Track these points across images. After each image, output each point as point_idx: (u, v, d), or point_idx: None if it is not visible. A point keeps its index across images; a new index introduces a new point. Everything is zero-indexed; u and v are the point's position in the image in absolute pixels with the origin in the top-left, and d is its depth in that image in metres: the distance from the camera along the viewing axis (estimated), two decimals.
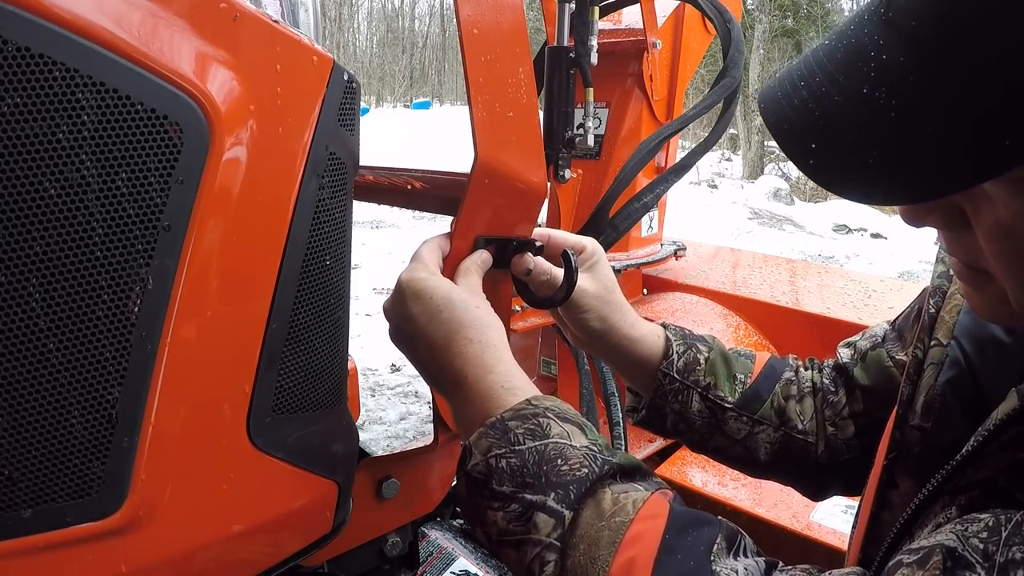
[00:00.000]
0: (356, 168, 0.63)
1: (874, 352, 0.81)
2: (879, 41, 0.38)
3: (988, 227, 0.41)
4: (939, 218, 0.44)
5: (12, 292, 0.43)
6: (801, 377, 0.85)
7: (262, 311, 0.55)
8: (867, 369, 0.80)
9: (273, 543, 0.63)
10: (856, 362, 0.82)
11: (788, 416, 0.82)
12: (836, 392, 0.82)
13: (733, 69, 1.38)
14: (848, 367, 0.82)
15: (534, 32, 1.71)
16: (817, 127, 0.40)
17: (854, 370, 0.81)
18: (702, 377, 0.82)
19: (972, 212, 0.42)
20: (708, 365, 0.83)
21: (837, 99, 0.39)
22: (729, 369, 0.83)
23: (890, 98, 0.37)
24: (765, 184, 12.39)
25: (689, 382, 0.82)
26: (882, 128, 0.37)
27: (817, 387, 0.85)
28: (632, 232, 1.93)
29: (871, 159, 0.38)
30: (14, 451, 0.45)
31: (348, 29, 34.00)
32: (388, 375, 4.22)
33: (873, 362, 0.80)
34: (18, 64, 0.40)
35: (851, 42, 0.40)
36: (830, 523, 1.42)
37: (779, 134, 0.42)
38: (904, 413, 0.61)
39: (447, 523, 1.38)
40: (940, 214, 0.44)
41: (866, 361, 0.81)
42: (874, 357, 0.80)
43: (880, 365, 0.79)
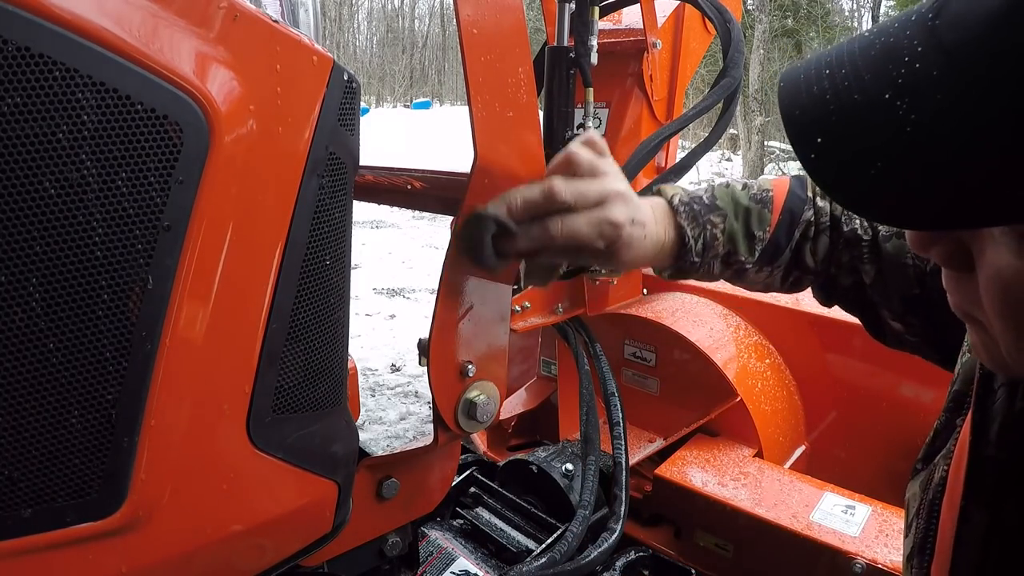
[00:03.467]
0: (356, 168, 0.63)
1: (898, 240, 0.78)
2: (917, 47, 0.35)
3: (988, 275, 0.38)
4: (943, 251, 0.42)
5: (12, 292, 0.43)
6: (820, 211, 0.85)
7: (262, 311, 0.55)
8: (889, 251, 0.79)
9: (273, 543, 0.63)
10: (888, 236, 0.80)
11: (802, 258, 0.85)
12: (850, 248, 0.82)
13: (733, 69, 1.38)
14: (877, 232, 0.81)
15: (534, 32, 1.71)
16: (828, 122, 0.37)
17: (884, 245, 0.80)
18: (721, 247, 0.83)
19: (978, 254, 0.39)
20: (726, 236, 0.83)
21: (856, 97, 0.37)
22: (747, 227, 0.83)
23: (910, 111, 0.34)
24: None
25: (709, 257, 0.83)
26: (893, 140, 0.35)
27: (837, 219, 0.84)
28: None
29: (873, 170, 0.36)
30: (14, 451, 0.45)
31: (348, 29, 34.00)
32: (388, 375, 4.22)
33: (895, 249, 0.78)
34: (18, 64, 0.40)
35: (889, 41, 0.37)
36: (830, 523, 1.42)
37: (789, 120, 0.40)
38: (977, 443, 0.53)
39: (447, 523, 1.38)
40: (944, 248, 0.41)
41: (889, 243, 0.79)
42: (896, 245, 0.78)
43: (900, 257, 0.78)
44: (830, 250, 0.84)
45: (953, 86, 0.33)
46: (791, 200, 0.84)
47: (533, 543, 1.30)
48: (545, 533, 1.31)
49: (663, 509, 1.64)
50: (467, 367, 0.80)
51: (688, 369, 1.75)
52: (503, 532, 1.35)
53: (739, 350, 1.79)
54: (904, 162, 0.35)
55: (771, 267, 0.85)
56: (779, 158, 16.60)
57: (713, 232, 0.82)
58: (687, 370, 1.75)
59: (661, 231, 0.80)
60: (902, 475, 0.70)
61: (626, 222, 0.72)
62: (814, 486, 1.54)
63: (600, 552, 1.22)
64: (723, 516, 1.50)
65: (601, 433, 1.35)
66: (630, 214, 0.73)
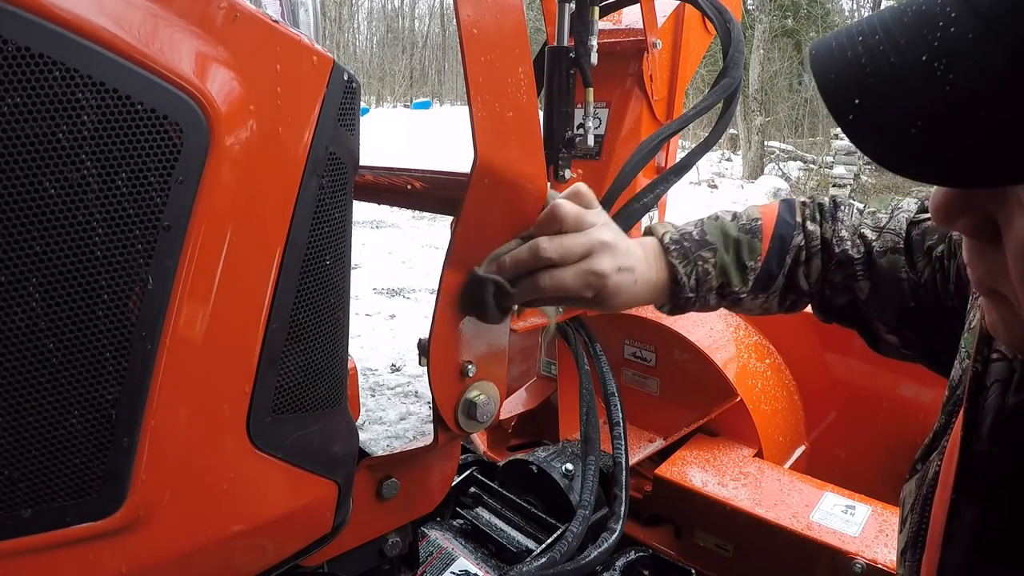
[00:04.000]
0: (356, 168, 0.63)
1: (892, 256, 0.80)
2: (951, 13, 0.36)
3: (1016, 243, 0.39)
4: (970, 223, 0.42)
5: (12, 292, 0.43)
6: (810, 235, 0.86)
7: (262, 311, 0.55)
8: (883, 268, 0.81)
9: (273, 543, 0.63)
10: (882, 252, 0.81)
11: (796, 281, 0.87)
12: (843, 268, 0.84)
13: (733, 69, 1.38)
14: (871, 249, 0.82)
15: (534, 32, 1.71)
16: (866, 84, 0.38)
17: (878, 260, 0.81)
18: (714, 281, 0.85)
19: (1004, 223, 0.40)
20: (718, 270, 0.85)
21: (893, 60, 0.37)
22: (738, 258, 0.85)
23: (948, 72, 0.35)
24: (765, 184, 12.39)
25: (704, 292, 0.85)
26: (933, 100, 0.36)
27: (828, 241, 0.86)
28: (632, 232, 1.93)
29: (914, 128, 0.36)
30: (14, 451, 0.45)
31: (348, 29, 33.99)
32: (388, 375, 4.22)
33: (889, 264, 0.80)
34: (18, 64, 0.40)
35: (921, 8, 0.38)
36: (830, 523, 1.42)
37: (824, 83, 0.40)
38: (969, 438, 0.55)
39: (447, 523, 1.38)
40: (972, 219, 0.42)
41: (884, 259, 0.81)
42: (890, 261, 0.80)
43: (894, 271, 0.80)
44: (823, 272, 0.86)
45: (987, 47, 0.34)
46: (780, 227, 0.86)
47: (533, 543, 1.30)
48: (545, 533, 1.31)
49: (663, 509, 1.64)
50: (467, 367, 0.80)
51: (688, 369, 1.75)
52: (503, 532, 1.35)
53: (739, 350, 1.79)
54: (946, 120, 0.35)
55: (766, 294, 0.87)
56: (779, 158, 16.59)
57: (705, 268, 0.84)
58: (687, 370, 1.75)
59: (654, 273, 0.82)
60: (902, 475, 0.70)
61: (611, 272, 0.75)
62: (814, 486, 1.54)
63: (600, 552, 1.22)
64: (723, 516, 1.50)
65: (601, 433, 1.35)
66: (616, 263, 0.75)
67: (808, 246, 0.86)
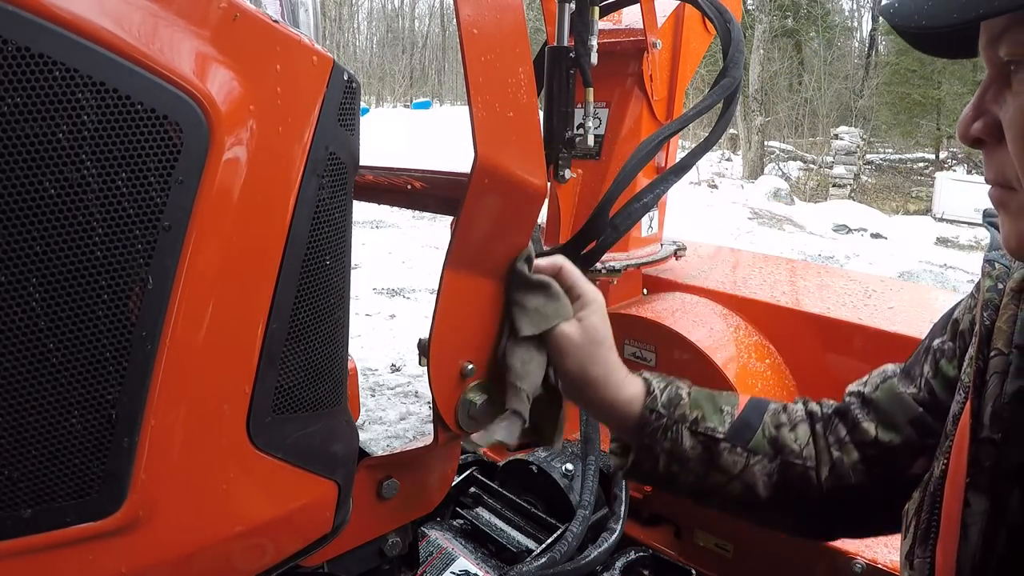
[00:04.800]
0: (356, 168, 0.63)
1: (885, 384, 0.81)
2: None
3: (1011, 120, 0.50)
4: (981, 126, 0.53)
5: (12, 292, 0.43)
6: (791, 409, 0.85)
7: (262, 311, 0.55)
8: (880, 397, 0.81)
9: (273, 543, 0.63)
10: (874, 388, 0.82)
11: (783, 443, 0.81)
12: (843, 420, 0.82)
13: (733, 69, 1.38)
14: (861, 392, 0.83)
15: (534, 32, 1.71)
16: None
17: (872, 395, 0.81)
18: (688, 411, 0.82)
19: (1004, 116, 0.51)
20: (692, 400, 0.83)
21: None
22: (715, 403, 0.83)
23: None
24: (765, 184, 12.39)
25: (676, 416, 0.81)
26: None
27: (815, 415, 0.84)
28: (632, 232, 1.93)
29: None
30: (14, 451, 0.45)
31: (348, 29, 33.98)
32: (388, 375, 4.23)
33: (885, 391, 0.80)
34: (18, 64, 0.40)
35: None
36: None
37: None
38: (975, 426, 0.59)
39: (447, 523, 1.38)
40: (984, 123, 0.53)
41: (878, 391, 0.81)
42: (886, 388, 0.81)
43: (892, 392, 0.80)
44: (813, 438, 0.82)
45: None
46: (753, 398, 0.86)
47: (533, 543, 1.30)
48: (545, 533, 1.31)
49: (663, 509, 1.64)
50: (467, 367, 0.80)
51: (688, 369, 1.75)
52: (503, 532, 1.35)
53: (739, 350, 1.79)
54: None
55: (747, 452, 0.81)
56: (779, 158, 16.60)
57: (679, 392, 0.84)
58: (687, 370, 1.75)
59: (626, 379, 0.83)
60: None
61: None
62: None
63: (600, 552, 1.22)
64: (723, 516, 1.50)
65: (601, 433, 1.35)
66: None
67: (789, 413, 0.84)
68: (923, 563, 0.62)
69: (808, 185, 15.14)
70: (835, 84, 20.68)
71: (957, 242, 10.33)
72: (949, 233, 10.78)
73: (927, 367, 0.78)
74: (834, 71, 21.28)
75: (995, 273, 0.66)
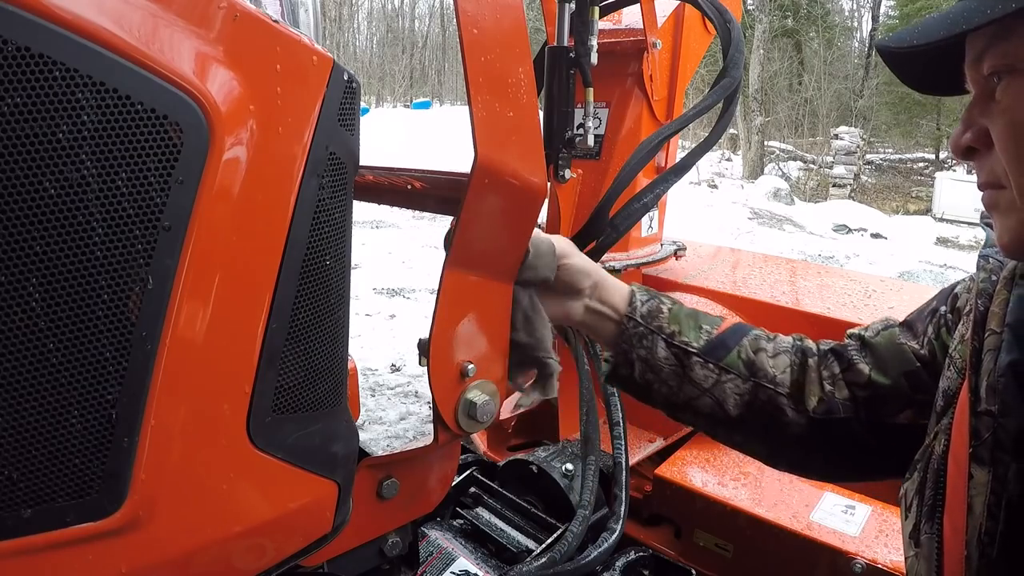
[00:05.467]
0: (356, 168, 0.63)
1: (886, 331, 0.85)
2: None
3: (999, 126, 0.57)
4: (973, 136, 0.60)
5: (12, 292, 0.43)
6: (779, 340, 0.88)
7: (262, 311, 0.55)
8: (880, 342, 0.84)
9: (273, 543, 0.63)
10: (875, 334, 0.85)
11: (759, 367, 0.84)
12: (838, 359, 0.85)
13: (733, 69, 1.38)
14: (861, 335, 0.86)
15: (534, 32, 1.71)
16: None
17: (872, 339, 0.85)
18: (666, 324, 0.86)
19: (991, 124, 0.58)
20: (671, 315, 0.87)
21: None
22: (696, 321, 0.87)
23: None
24: (765, 184, 12.39)
25: (653, 327, 0.86)
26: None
27: (808, 351, 0.87)
28: (632, 232, 1.93)
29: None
30: (14, 451, 0.45)
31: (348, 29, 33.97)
32: (388, 375, 4.23)
33: (886, 337, 0.84)
34: (18, 64, 0.40)
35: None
36: (830, 523, 1.42)
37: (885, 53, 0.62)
38: (973, 400, 0.63)
39: (447, 523, 1.38)
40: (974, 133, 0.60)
41: (879, 336, 0.85)
42: (887, 335, 0.85)
43: (893, 341, 0.83)
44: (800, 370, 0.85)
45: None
46: (741, 323, 0.90)
47: (533, 543, 1.30)
48: (545, 533, 1.31)
49: (663, 509, 1.64)
50: (467, 367, 0.80)
51: None
52: (503, 532, 1.35)
53: None
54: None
55: (719, 369, 0.84)
56: (779, 158, 16.60)
57: (660, 306, 0.88)
58: None
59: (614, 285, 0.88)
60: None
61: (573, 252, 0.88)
62: (814, 486, 1.54)
63: (600, 552, 1.22)
64: (723, 516, 1.51)
65: (601, 433, 1.35)
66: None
67: (775, 343, 0.87)
68: (930, 539, 0.65)
69: (808, 185, 15.15)
70: (835, 84, 20.68)
71: (957, 242, 10.33)
72: (949, 233, 10.78)
73: (931, 328, 0.81)
74: (834, 71, 21.27)
75: (989, 267, 0.71)
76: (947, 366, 0.72)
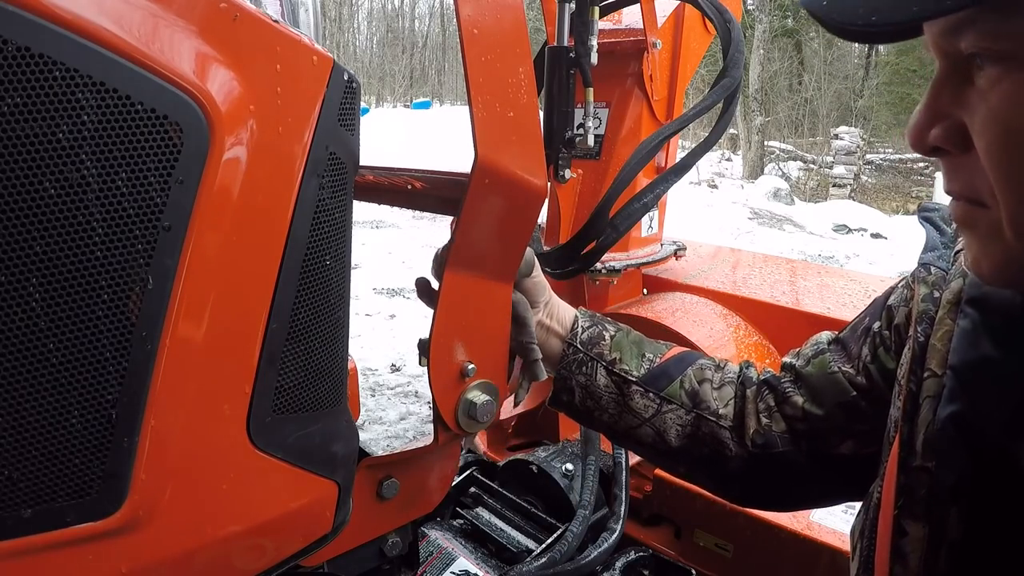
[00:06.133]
0: (356, 168, 0.63)
1: (817, 359, 0.79)
2: None
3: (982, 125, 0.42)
4: (940, 133, 0.45)
5: (12, 292, 0.43)
6: (727, 369, 0.85)
7: (262, 311, 0.55)
8: (812, 373, 0.79)
9: (273, 543, 0.63)
10: (806, 362, 0.80)
11: (702, 399, 0.82)
12: (772, 391, 0.81)
13: (733, 69, 1.38)
14: (793, 365, 0.81)
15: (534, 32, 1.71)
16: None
17: (804, 369, 0.80)
18: (607, 351, 0.84)
19: (970, 119, 0.43)
20: (613, 342, 0.85)
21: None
22: (639, 349, 0.85)
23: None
24: (765, 184, 12.38)
25: (593, 354, 0.84)
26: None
27: (748, 380, 0.84)
28: (632, 232, 1.93)
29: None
30: (14, 451, 0.45)
31: (348, 29, 33.97)
32: (388, 375, 4.22)
33: (818, 366, 0.78)
34: (18, 64, 0.40)
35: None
36: (830, 523, 1.42)
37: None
38: (905, 456, 0.56)
39: (447, 523, 1.38)
40: (942, 128, 0.45)
41: (810, 365, 0.79)
42: (818, 363, 0.78)
43: (823, 370, 0.77)
44: (739, 401, 0.82)
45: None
46: (688, 352, 0.87)
47: (533, 543, 1.30)
48: (545, 533, 1.31)
49: (663, 509, 1.64)
50: (467, 367, 0.80)
51: None
52: (503, 532, 1.35)
53: (739, 350, 1.79)
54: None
55: (659, 399, 0.82)
56: (779, 158, 16.60)
57: (602, 333, 0.86)
58: None
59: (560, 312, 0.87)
60: None
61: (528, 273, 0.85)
62: None
63: (600, 552, 1.22)
64: (723, 516, 1.50)
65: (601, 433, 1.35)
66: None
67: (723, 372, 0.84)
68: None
69: (808, 185, 15.14)
70: (835, 84, 20.68)
71: None
72: None
73: (866, 349, 0.74)
74: (834, 71, 21.27)
75: (931, 279, 0.62)
76: (896, 394, 0.63)
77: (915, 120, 0.46)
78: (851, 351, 0.76)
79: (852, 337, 0.77)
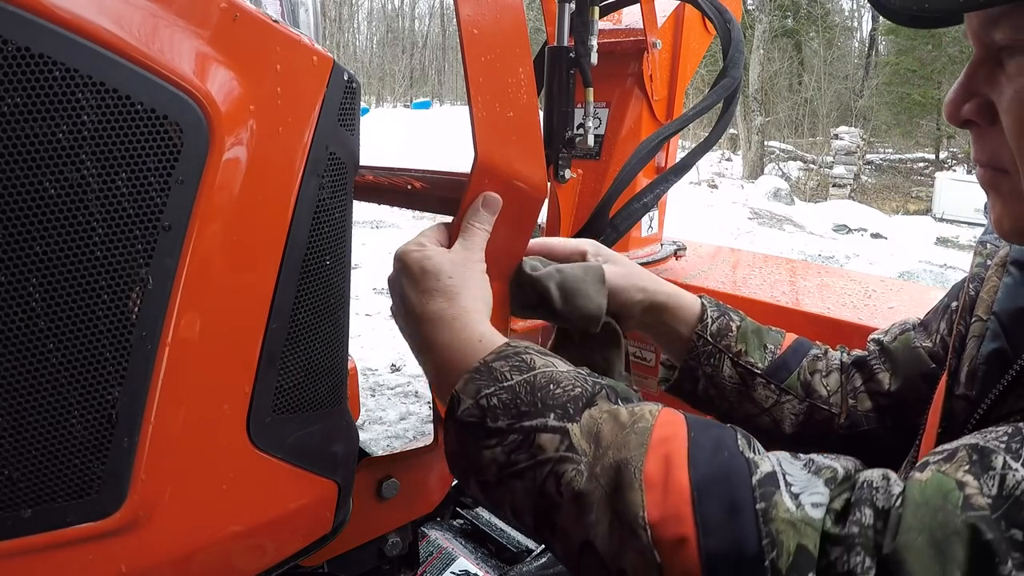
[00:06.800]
0: (356, 168, 0.63)
1: (903, 335, 0.87)
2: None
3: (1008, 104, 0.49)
4: (973, 107, 0.53)
5: (12, 292, 0.43)
6: (830, 356, 0.91)
7: (262, 311, 0.55)
8: (897, 348, 0.86)
9: (273, 543, 0.63)
10: (893, 339, 0.88)
11: (814, 388, 0.87)
12: (860, 370, 0.87)
13: (733, 69, 1.38)
14: (881, 340, 0.88)
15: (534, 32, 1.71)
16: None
17: (890, 344, 0.87)
18: (734, 343, 0.87)
19: (998, 98, 0.51)
20: (740, 333, 0.88)
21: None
22: (760, 339, 0.88)
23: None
24: (765, 184, 12.38)
25: (722, 346, 0.86)
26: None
27: (845, 364, 0.90)
28: (632, 232, 1.92)
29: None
30: (14, 451, 0.45)
31: (348, 29, 33.97)
32: (388, 375, 4.22)
33: (903, 342, 0.86)
34: (18, 64, 0.40)
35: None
36: None
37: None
38: (951, 384, 0.64)
39: (447, 523, 1.38)
40: (974, 104, 0.53)
41: (896, 341, 0.87)
42: (903, 339, 0.86)
43: (908, 345, 0.85)
44: (842, 385, 0.88)
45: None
46: (799, 340, 0.92)
47: (533, 543, 1.30)
48: None
49: None
50: None
51: None
52: (503, 532, 1.35)
53: None
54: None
55: (779, 390, 0.87)
56: (779, 158, 16.60)
57: (729, 324, 0.88)
58: None
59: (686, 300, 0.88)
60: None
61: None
62: None
63: None
64: None
65: None
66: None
67: (827, 360, 0.89)
68: None
69: (808, 185, 15.15)
70: (835, 84, 20.69)
71: (957, 242, 10.33)
72: (949, 233, 10.78)
73: (943, 324, 0.83)
74: (834, 71, 21.28)
75: (985, 252, 0.71)
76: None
77: (951, 95, 0.54)
78: (931, 328, 0.85)
79: (933, 317, 0.86)
